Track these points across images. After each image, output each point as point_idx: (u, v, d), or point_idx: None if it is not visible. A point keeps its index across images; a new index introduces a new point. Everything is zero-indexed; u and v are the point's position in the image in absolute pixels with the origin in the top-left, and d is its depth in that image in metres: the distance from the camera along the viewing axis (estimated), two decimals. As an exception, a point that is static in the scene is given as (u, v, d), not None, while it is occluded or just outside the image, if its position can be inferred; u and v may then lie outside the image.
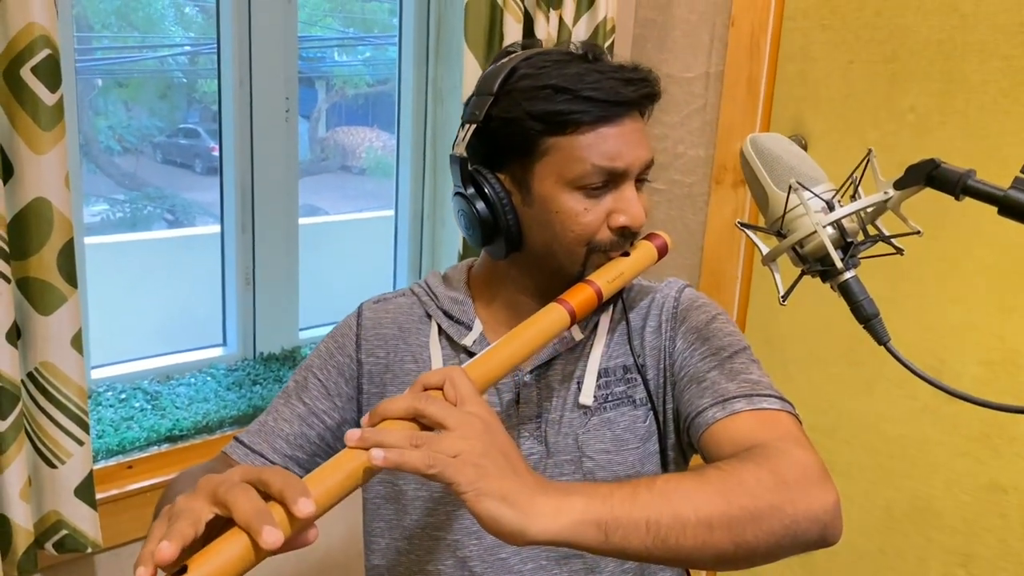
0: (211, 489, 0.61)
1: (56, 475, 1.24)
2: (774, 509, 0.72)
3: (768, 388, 0.90)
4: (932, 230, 1.64)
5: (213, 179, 1.79)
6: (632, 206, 0.91)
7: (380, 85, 3.97)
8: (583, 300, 0.89)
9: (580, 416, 0.96)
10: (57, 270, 1.19)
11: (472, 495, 0.65)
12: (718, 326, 0.97)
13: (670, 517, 0.68)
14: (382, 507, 1.02)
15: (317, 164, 4.05)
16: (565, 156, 0.89)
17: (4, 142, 1.13)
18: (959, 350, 1.63)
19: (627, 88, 0.89)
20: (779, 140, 0.78)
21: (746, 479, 0.73)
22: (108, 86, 2.89)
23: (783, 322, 1.86)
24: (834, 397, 1.81)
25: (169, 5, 3.19)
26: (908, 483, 1.72)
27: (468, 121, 0.93)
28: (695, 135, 1.95)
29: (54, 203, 1.17)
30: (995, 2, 1.53)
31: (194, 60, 3.07)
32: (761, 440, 0.82)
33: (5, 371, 1.16)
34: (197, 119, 3.15)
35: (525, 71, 0.91)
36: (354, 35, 3.58)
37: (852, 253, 0.72)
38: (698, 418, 0.90)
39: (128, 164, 3.05)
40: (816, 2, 1.75)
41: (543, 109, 0.88)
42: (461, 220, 0.97)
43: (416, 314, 1.04)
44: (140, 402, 1.60)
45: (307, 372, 1.04)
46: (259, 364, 1.81)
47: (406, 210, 2.01)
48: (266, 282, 1.81)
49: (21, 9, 1.09)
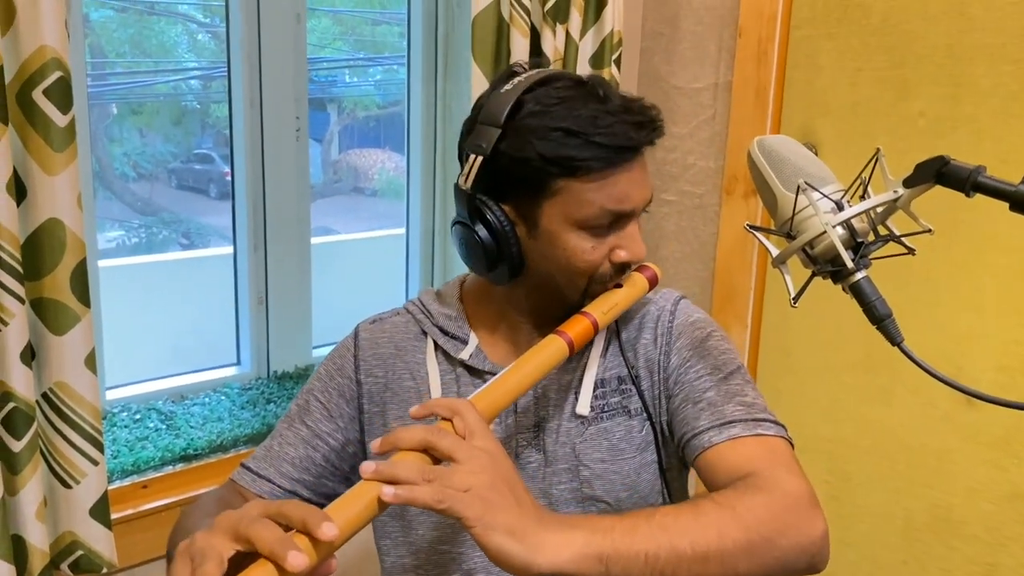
0: (231, 525, 0.63)
1: (71, 495, 1.24)
2: (766, 542, 0.77)
3: (763, 411, 0.94)
4: (944, 235, 1.64)
5: (227, 203, 1.81)
6: (634, 243, 0.95)
7: (391, 107, 3.99)
8: (580, 331, 0.92)
9: (577, 426, 0.98)
10: (70, 290, 1.20)
11: (480, 529, 0.69)
12: (714, 344, 0.99)
13: (668, 550, 0.73)
14: (388, 524, 1.03)
15: (330, 186, 4.07)
16: (575, 199, 0.90)
17: (17, 164, 1.15)
18: (976, 356, 1.61)
19: (638, 133, 0.90)
20: (786, 141, 0.78)
21: (740, 512, 0.78)
22: (123, 113, 2.92)
23: (798, 332, 1.85)
24: (851, 406, 1.79)
25: (182, 32, 3.23)
26: (929, 492, 1.70)
27: (473, 152, 0.92)
28: (704, 146, 1.95)
29: (67, 224, 1.18)
30: (1002, 6, 1.52)
31: (207, 86, 3.10)
32: (756, 468, 0.86)
33: (20, 391, 1.16)
34: (211, 144, 3.18)
35: (532, 107, 0.90)
36: (364, 57, 3.61)
37: (863, 253, 0.72)
38: (695, 439, 0.92)
39: (143, 190, 3.08)
40: (823, 11, 1.75)
41: (555, 153, 0.88)
42: (463, 249, 0.98)
43: (412, 332, 1.06)
44: (154, 422, 1.60)
45: (309, 395, 1.05)
46: (273, 383, 1.81)
47: (417, 227, 2.02)
48: (279, 301, 1.82)
49: (33, 32, 1.11)
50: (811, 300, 1.79)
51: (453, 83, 1.92)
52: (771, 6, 1.80)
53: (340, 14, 3.75)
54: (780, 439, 0.91)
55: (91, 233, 1.47)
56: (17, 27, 1.11)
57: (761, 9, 1.82)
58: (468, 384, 1.00)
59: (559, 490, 0.97)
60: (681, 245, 2.01)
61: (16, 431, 1.18)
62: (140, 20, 3.13)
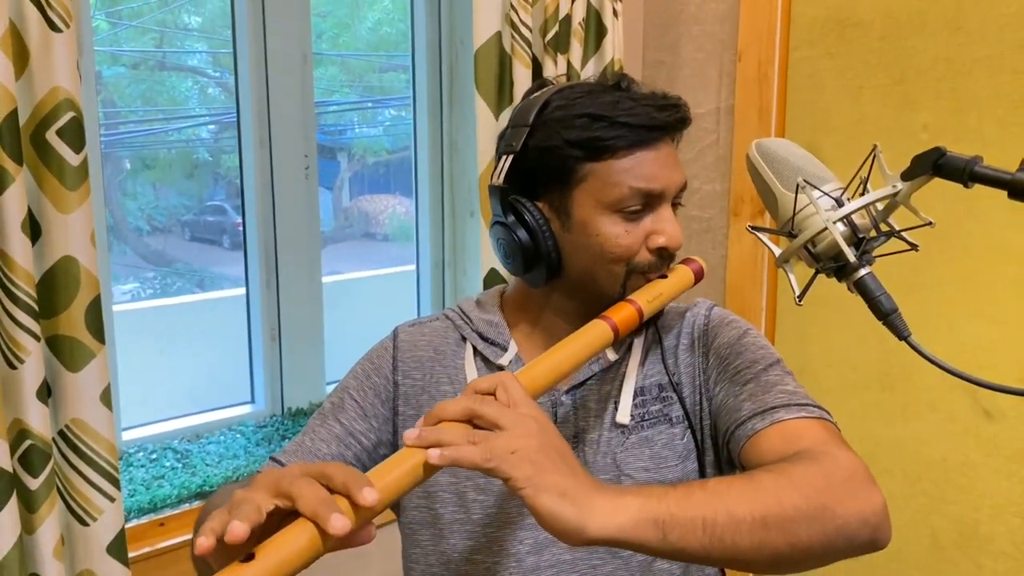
0: (272, 482, 0.62)
1: (88, 533, 1.24)
2: (825, 509, 0.73)
3: (805, 397, 0.91)
4: (956, 247, 1.64)
5: (240, 253, 1.83)
6: (670, 226, 0.93)
7: (400, 152, 4.04)
8: (625, 317, 0.90)
9: (618, 435, 0.96)
10: (85, 327, 1.21)
11: (531, 490, 0.66)
12: (750, 340, 0.98)
13: (725, 516, 0.69)
14: (418, 532, 1.01)
15: (341, 231, 4.11)
16: (603, 181, 0.91)
17: (32, 203, 1.17)
18: (993, 367, 1.60)
19: (661, 113, 0.91)
20: (784, 143, 0.79)
21: (796, 480, 0.74)
22: (136, 168, 2.97)
23: (812, 352, 1.84)
24: (870, 424, 1.77)
25: (192, 87, 3.29)
26: (953, 509, 1.68)
27: (505, 152, 0.95)
28: (710, 170, 1.96)
29: (81, 261, 1.19)
30: (999, 18, 1.54)
31: (217, 137, 3.15)
32: (805, 445, 0.82)
33: (36, 429, 1.17)
34: (223, 196, 3.22)
35: (559, 102, 0.93)
36: (371, 99, 3.67)
37: (865, 249, 0.72)
38: (738, 430, 0.90)
39: (157, 243, 3.12)
40: (821, 32, 1.77)
41: (580, 136, 0.90)
42: (500, 249, 0.99)
43: (451, 337, 1.05)
44: (170, 461, 1.60)
45: (343, 393, 1.04)
46: (287, 419, 1.81)
47: (427, 259, 2.03)
48: (292, 337, 1.83)
49: (46, 74, 1.14)
50: (825, 319, 1.80)
51: (459, 116, 1.95)
52: (769, 29, 1.83)
53: (347, 61, 3.81)
54: (826, 421, 0.89)
55: (104, 269, 1.48)
56: (31, 70, 1.14)
57: (760, 33, 1.84)
58: None
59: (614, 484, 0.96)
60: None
61: (33, 469, 1.18)
62: (151, 75, 3.18)
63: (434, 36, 1.93)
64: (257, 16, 1.68)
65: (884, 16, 1.67)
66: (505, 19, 1.65)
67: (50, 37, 1.13)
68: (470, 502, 0.97)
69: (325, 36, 3.35)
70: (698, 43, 1.95)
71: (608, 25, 1.78)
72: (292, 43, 1.73)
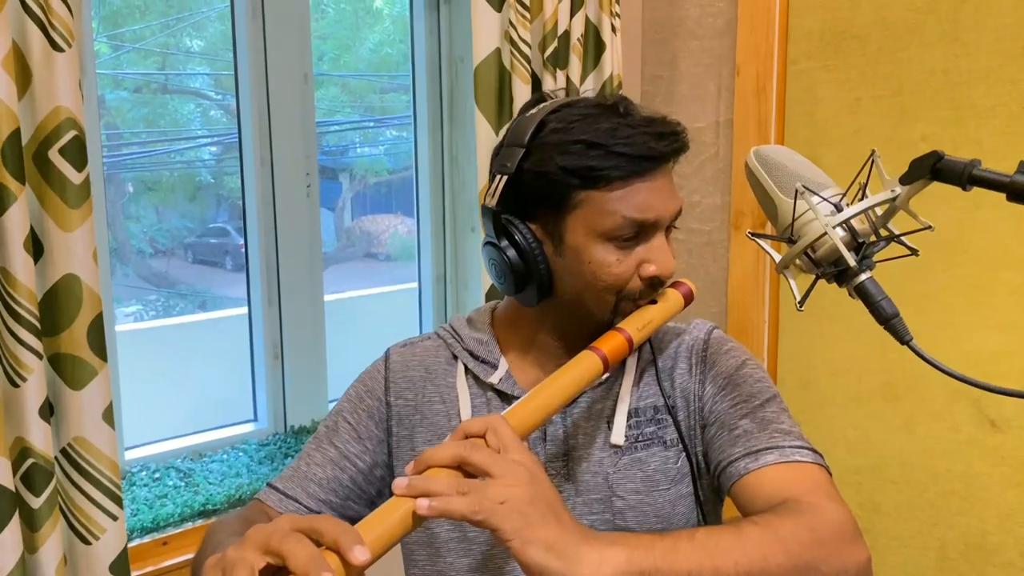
0: (262, 539, 0.62)
1: (91, 552, 1.24)
2: (809, 568, 0.74)
3: (799, 439, 0.91)
4: (958, 256, 1.64)
5: (243, 275, 1.83)
6: (662, 255, 0.92)
7: (401, 171, 4.05)
8: (615, 347, 0.89)
9: (611, 455, 0.96)
10: (88, 345, 1.21)
11: (518, 543, 0.66)
12: (748, 372, 0.97)
13: (711, 571, 0.70)
14: (416, 552, 1.02)
15: (344, 251, 4.11)
16: (597, 209, 0.90)
17: (34, 221, 1.17)
18: (997, 377, 1.58)
19: (659, 143, 0.89)
20: (783, 150, 0.79)
21: (783, 535, 0.75)
22: (139, 191, 2.98)
23: (816, 364, 1.83)
24: (874, 436, 1.76)
25: (195, 109, 3.31)
26: (960, 520, 1.67)
27: (499, 172, 0.94)
28: (710, 183, 1.96)
29: (83, 278, 1.20)
30: (995, 28, 1.54)
31: (220, 160, 3.16)
32: (794, 494, 0.83)
33: (39, 447, 1.17)
34: (226, 218, 3.23)
35: (555, 125, 0.92)
36: (372, 118, 3.68)
37: (865, 254, 0.72)
38: (729, 468, 0.90)
39: (160, 265, 3.13)
40: (819, 44, 1.78)
41: (576, 164, 0.89)
42: (492, 269, 0.98)
43: (443, 356, 1.05)
44: (173, 480, 1.60)
45: (337, 416, 1.04)
46: (290, 437, 1.81)
47: (428, 275, 2.03)
48: (294, 354, 1.83)
49: (48, 94, 1.15)
50: (827, 330, 1.79)
51: (459, 133, 1.96)
52: (767, 43, 1.84)
53: (348, 82, 3.82)
54: (818, 466, 0.88)
55: (107, 289, 1.48)
56: (33, 89, 1.14)
57: (757, 47, 1.85)
58: (499, 408, 0.99)
59: (590, 520, 0.95)
60: (693, 283, 2.01)
61: (35, 487, 1.18)
62: (154, 98, 3.20)
63: (434, 54, 1.94)
64: (258, 36, 1.69)
65: (881, 28, 1.68)
66: (504, 36, 1.67)
67: (52, 57, 1.14)
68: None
69: (326, 58, 3.37)
70: (696, 58, 1.96)
71: (607, 41, 1.79)
72: (293, 62, 1.74)
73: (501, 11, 1.66)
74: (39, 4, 1.12)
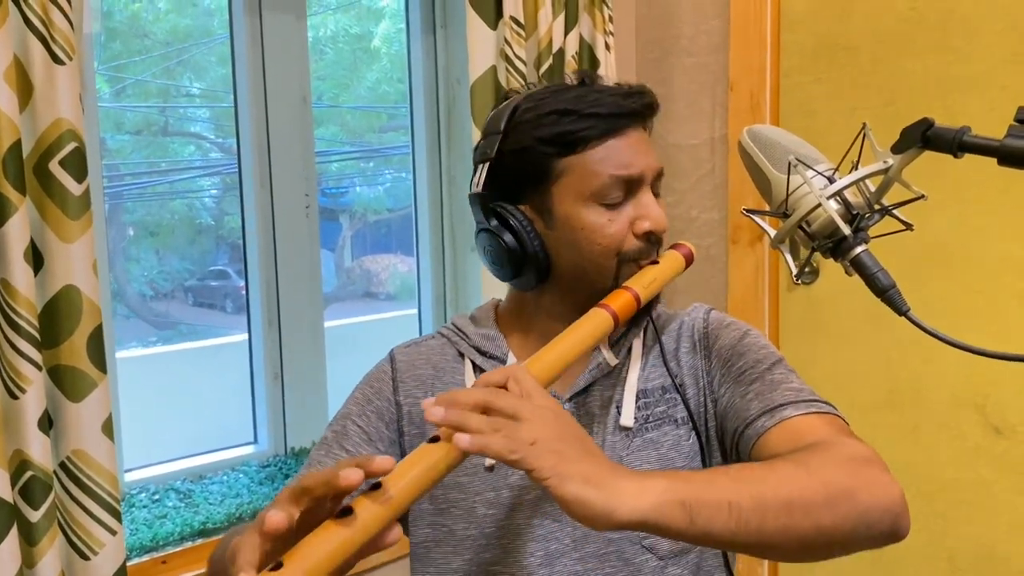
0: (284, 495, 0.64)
1: (89, 567, 1.22)
2: (848, 494, 0.73)
3: (812, 394, 0.92)
4: (956, 262, 1.64)
5: (243, 317, 1.83)
6: (653, 210, 0.94)
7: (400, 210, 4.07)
8: (623, 303, 0.90)
9: (623, 438, 0.96)
10: (87, 356, 1.21)
11: (555, 480, 0.66)
12: (751, 340, 0.98)
13: (750, 499, 0.69)
14: (432, 551, 1.00)
15: (344, 290, 4.11)
16: (580, 173, 0.92)
17: (35, 233, 1.18)
18: (1002, 384, 1.59)
19: (627, 100, 0.93)
20: (775, 128, 0.80)
21: (816, 466, 0.75)
22: (139, 235, 2.99)
23: (817, 375, 1.82)
24: (879, 446, 1.71)
25: (195, 152, 3.34)
26: (969, 529, 1.65)
27: (481, 161, 0.97)
28: (707, 199, 1.97)
29: (83, 290, 1.20)
30: (985, 35, 1.57)
31: (220, 201, 3.18)
32: (819, 437, 0.83)
33: (38, 460, 1.16)
34: (226, 260, 3.24)
35: (527, 105, 0.95)
36: (371, 149, 3.71)
37: (859, 226, 0.72)
38: (748, 429, 0.90)
39: (161, 307, 3.13)
40: (811, 58, 1.80)
41: (551, 133, 0.92)
42: (488, 256, 0.99)
43: (449, 354, 1.05)
44: (173, 501, 1.59)
45: (345, 420, 1.03)
46: (291, 458, 1.80)
47: (429, 299, 2.04)
48: (294, 377, 1.82)
49: (49, 106, 1.16)
50: (828, 343, 1.79)
51: (457, 155, 1.97)
52: (760, 58, 1.86)
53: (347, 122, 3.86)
54: (835, 415, 0.89)
55: (106, 299, 1.47)
56: (34, 102, 1.16)
57: (750, 63, 1.88)
58: None
59: None
60: (692, 298, 2.00)
61: (34, 501, 1.17)
62: (154, 140, 3.23)
63: (431, 77, 1.97)
64: (256, 58, 1.71)
65: (873, 39, 1.70)
66: (500, 53, 1.69)
67: (53, 70, 1.16)
68: (480, 517, 0.96)
69: (325, 96, 3.40)
70: (691, 75, 1.98)
71: (600, 58, 1.81)
72: (292, 84, 1.76)
73: (496, 29, 1.69)
74: (40, 18, 1.14)
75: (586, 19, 1.81)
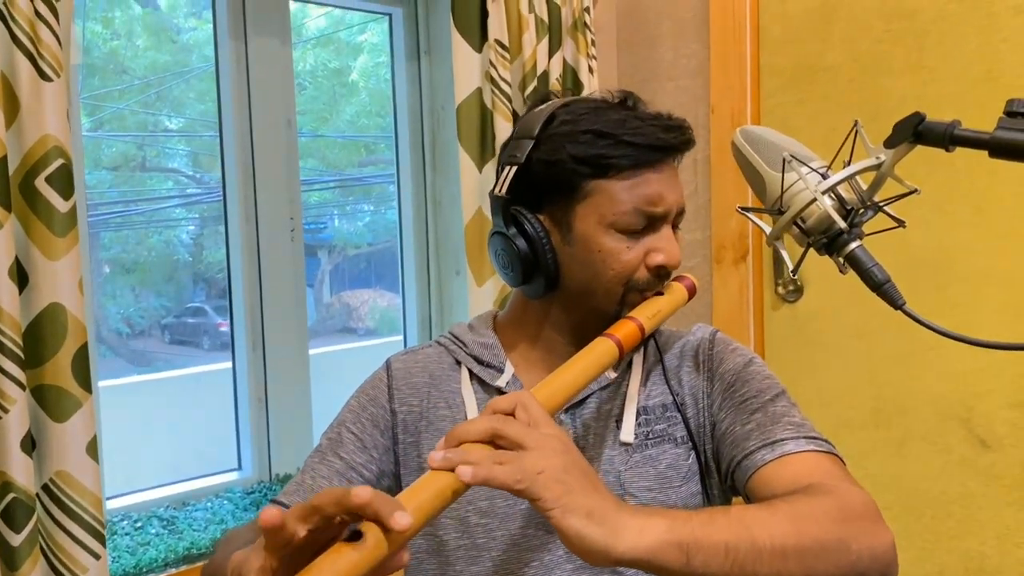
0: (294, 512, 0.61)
1: (72, 593, 1.20)
2: (841, 543, 0.74)
3: (812, 430, 0.92)
4: (942, 275, 1.66)
5: (220, 354, 1.81)
6: (669, 245, 0.95)
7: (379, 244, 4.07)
8: (628, 333, 0.91)
9: (622, 453, 0.96)
10: (72, 376, 1.20)
11: (559, 511, 0.66)
12: (755, 369, 0.98)
13: (747, 543, 0.70)
14: (425, 561, 0.99)
15: (323, 324, 4.09)
16: (607, 198, 0.92)
17: (20, 251, 1.17)
18: (987, 395, 1.60)
19: (667, 134, 0.92)
20: (767, 129, 0.81)
21: (814, 512, 0.75)
22: (115, 272, 2.97)
23: (802, 394, 1.82)
24: (866, 462, 1.75)
25: (173, 187, 3.33)
26: (957, 543, 1.65)
27: (508, 163, 0.96)
28: (690, 219, 1.99)
29: (68, 308, 1.19)
30: (959, 56, 1.60)
31: (197, 237, 3.16)
32: (816, 479, 0.83)
33: (20, 482, 1.14)
34: (203, 298, 3.22)
35: (565, 117, 0.95)
36: (354, 178, 3.72)
37: (854, 221, 0.73)
38: (745, 461, 0.90)
39: (139, 345, 3.10)
40: (791, 79, 1.83)
41: (586, 153, 0.91)
42: (499, 260, 0.99)
43: (446, 362, 1.04)
44: (156, 528, 1.55)
45: (340, 428, 1.02)
46: (275, 484, 1.77)
47: (414, 321, 2.03)
48: (279, 402, 1.80)
49: (36, 122, 1.16)
50: (814, 361, 1.80)
51: (442, 178, 1.98)
52: (740, 81, 1.89)
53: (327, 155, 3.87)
54: (834, 456, 0.90)
55: (91, 317, 1.45)
56: (21, 118, 1.15)
57: (731, 84, 1.90)
58: None
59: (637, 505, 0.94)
60: (677, 319, 2.01)
61: (15, 524, 1.15)
62: (132, 176, 3.22)
63: (415, 104, 1.98)
64: (242, 81, 1.71)
65: (851, 60, 1.74)
66: (485, 76, 1.71)
67: (40, 86, 1.15)
68: (472, 527, 0.96)
69: (305, 130, 3.41)
70: (673, 97, 2.01)
71: (584, 81, 1.83)
72: (277, 107, 1.76)
73: (481, 52, 1.70)
74: (28, 34, 1.14)
75: (569, 43, 1.83)
